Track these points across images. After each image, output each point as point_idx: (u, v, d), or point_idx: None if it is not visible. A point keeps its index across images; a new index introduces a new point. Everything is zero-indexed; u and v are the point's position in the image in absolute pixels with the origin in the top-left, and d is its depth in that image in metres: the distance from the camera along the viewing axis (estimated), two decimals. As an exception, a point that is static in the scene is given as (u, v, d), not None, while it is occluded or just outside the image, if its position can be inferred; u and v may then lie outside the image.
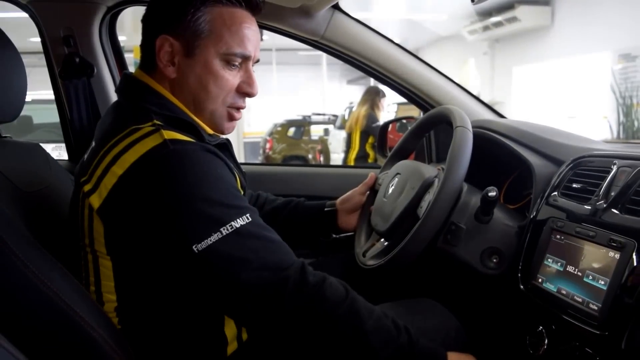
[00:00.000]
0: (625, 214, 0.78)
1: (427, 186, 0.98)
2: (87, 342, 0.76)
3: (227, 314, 0.87)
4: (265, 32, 1.52)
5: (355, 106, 5.12)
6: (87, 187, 0.83)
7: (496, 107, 1.55)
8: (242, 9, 0.92)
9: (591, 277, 0.77)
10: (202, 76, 0.90)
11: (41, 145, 1.12)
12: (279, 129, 9.35)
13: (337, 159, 7.85)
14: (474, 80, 8.92)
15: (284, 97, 12.12)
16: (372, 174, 1.25)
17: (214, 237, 0.76)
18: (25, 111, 1.03)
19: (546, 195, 0.95)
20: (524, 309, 0.90)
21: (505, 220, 0.95)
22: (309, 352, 0.83)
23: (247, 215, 0.80)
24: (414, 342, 0.83)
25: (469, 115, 1.04)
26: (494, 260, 0.94)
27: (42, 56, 1.60)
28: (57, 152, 2.94)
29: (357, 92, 11.57)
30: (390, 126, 1.91)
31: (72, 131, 1.62)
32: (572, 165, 0.97)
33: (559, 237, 0.86)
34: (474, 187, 0.98)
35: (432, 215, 0.88)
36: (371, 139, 4.07)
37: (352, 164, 4.23)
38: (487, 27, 9.13)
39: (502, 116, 1.50)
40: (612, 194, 0.82)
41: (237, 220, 0.78)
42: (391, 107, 6.65)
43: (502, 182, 1.20)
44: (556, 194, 0.93)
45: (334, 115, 9.62)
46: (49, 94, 1.68)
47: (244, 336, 0.90)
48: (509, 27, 8.61)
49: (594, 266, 0.78)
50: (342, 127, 7.40)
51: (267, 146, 9.19)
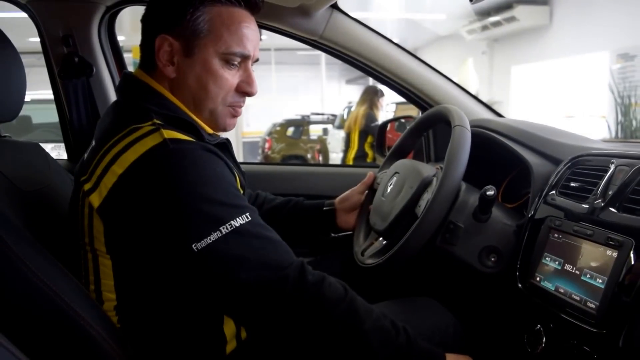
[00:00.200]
0: (622, 213, 0.78)
1: (425, 185, 0.98)
2: (87, 341, 0.76)
3: (226, 312, 0.87)
4: (264, 31, 1.52)
5: (354, 106, 5.13)
6: (87, 186, 0.83)
7: (495, 106, 1.55)
8: (241, 9, 0.92)
9: (589, 276, 0.77)
10: (201, 76, 0.90)
11: (40, 144, 1.12)
12: (278, 128, 9.36)
13: (336, 158, 7.86)
14: (472, 79, 8.92)
15: (283, 97, 12.10)
16: (370, 173, 1.26)
17: (214, 236, 0.76)
18: (24, 111, 1.03)
19: (544, 194, 0.95)
20: (522, 307, 0.90)
21: (503, 219, 0.95)
22: (308, 352, 0.83)
23: (247, 214, 0.80)
24: (412, 343, 0.83)
25: (468, 114, 1.04)
26: (492, 259, 0.94)
27: (41, 56, 1.60)
28: (56, 151, 2.95)
29: (355, 91, 11.59)
30: (389, 125, 1.91)
31: (72, 131, 1.62)
32: (570, 164, 0.97)
33: (556, 235, 0.86)
34: (472, 186, 0.98)
35: (430, 214, 0.88)
36: (370, 139, 4.08)
37: (350, 163, 4.24)
38: (485, 27, 9.14)
39: (500, 115, 1.51)
40: (610, 192, 0.82)
41: (237, 219, 0.78)
42: (390, 106, 6.65)
43: (501, 181, 1.20)
44: (554, 192, 0.93)
45: (333, 114, 9.64)
46: (48, 94, 1.68)
47: (243, 335, 0.90)
48: (507, 27, 8.61)
49: (591, 265, 0.78)
50: (340, 126, 7.41)
51: (266, 146, 9.20)
